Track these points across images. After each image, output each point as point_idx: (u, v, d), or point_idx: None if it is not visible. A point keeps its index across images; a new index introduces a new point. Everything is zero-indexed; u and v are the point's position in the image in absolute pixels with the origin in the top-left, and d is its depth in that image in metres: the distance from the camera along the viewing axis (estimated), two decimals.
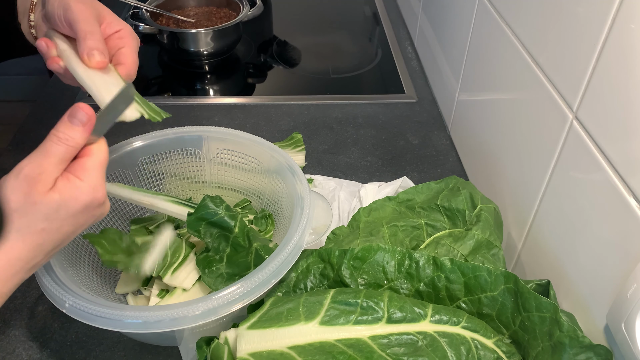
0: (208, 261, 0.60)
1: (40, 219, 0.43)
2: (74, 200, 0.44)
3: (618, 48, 0.47)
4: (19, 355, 0.62)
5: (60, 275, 0.53)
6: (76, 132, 0.45)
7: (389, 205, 0.69)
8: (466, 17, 0.85)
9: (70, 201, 0.44)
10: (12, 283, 0.44)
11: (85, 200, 0.45)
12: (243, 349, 0.48)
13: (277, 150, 0.68)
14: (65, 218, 0.44)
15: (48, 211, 0.43)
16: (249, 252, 0.60)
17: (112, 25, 0.55)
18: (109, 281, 0.65)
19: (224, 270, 0.60)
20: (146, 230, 0.70)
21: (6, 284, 0.44)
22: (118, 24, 0.55)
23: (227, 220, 0.60)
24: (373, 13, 1.37)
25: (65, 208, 0.44)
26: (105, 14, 0.55)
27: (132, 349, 0.63)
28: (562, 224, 0.58)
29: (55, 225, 0.44)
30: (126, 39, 0.55)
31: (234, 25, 1.12)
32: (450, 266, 0.55)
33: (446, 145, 0.93)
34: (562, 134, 0.57)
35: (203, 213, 0.60)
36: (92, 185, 0.45)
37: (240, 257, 0.60)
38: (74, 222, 0.45)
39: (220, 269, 0.60)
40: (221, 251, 0.60)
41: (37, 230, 0.43)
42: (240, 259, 0.60)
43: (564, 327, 0.49)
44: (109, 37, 0.55)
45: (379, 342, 0.49)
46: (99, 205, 0.46)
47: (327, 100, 1.04)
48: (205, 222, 0.60)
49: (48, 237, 0.44)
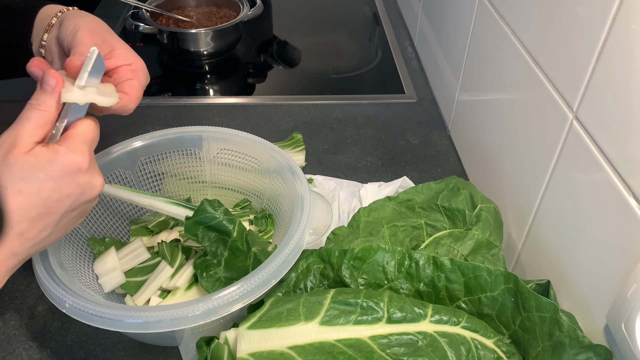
0: (206, 265, 0.60)
1: (17, 179, 0.43)
2: (49, 162, 0.44)
3: (618, 48, 0.47)
4: (19, 355, 0.62)
5: (60, 275, 0.53)
6: (47, 96, 0.46)
7: (389, 205, 0.69)
8: (466, 17, 0.84)
9: (45, 163, 0.44)
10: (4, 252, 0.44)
11: (62, 162, 0.45)
12: (243, 349, 0.48)
13: (277, 150, 0.68)
14: (44, 180, 0.44)
15: (23, 172, 0.43)
16: (248, 256, 0.60)
17: (123, 58, 0.55)
18: None
19: (222, 274, 0.59)
20: (146, 230, 0.70)
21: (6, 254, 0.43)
22: (131, 56, 0.56)
23: (226, 224, 0.60)
24: (373, 13, 1.37)
25: (42, 169, 0.44)
26: (118, 46, 0.55)
27: (132, 349, 0.63)
28: (562, 224, 0.58)
29: (34, 187, 0.44)
30: (138, 72, 0.55)
31: (234, 25, 1.12)
32: (450, 266, 0.55)
33: (446, 145, 0.93)
34: (562, 134, 0.57)
35: (201, 217, 0.60)
36: (71, 148, 0.45)
37: (239, 261, 0.60)
38: (55, 188, 0.45)
39: (218, 273, 0.59)
40: (219, 255, 0.60)
41: (15, 191, 0.43)
42: (238, 263, 0.60)
43: (564, 327, 0.49)
44: (119, 67, 0.55)
45: (379, 342, 0.49)
46: (79, 171, 0.46)
47: (327, 100, 1.04)
48: (203, 226, 0.60)
49: (28, 201, 0.44)
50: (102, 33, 0.55)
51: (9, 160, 0.43)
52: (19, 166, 0.43)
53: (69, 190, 0.46)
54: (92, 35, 0.53)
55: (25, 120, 0.45)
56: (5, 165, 0.43)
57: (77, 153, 0.46)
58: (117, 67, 0.55)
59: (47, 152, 0.45)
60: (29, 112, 0.46)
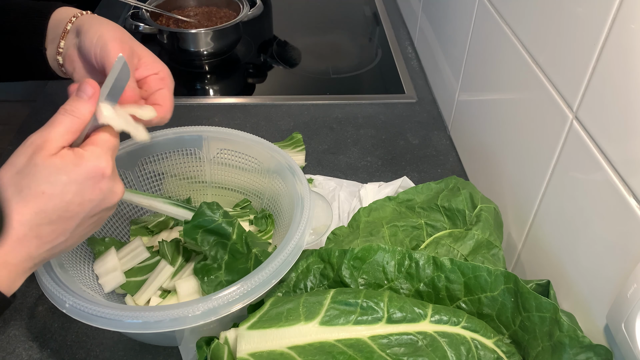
0: (207, 270, 0.59)
1: (41, 180, 0.43)
2: (74, 165, 0.44)
3: (618, 48, 0.47)
4: (19, 355, 0.62)
5: (60, 275, 0.53)
6: (82, 103, 0.47)
7: (389, 206, 0.69)
8: (466, 17, 0.84)
9: (70, 166, 0.44)
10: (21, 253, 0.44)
11: (87, 167, 0.45)
12: (243, 349, 0.48)
13: (277, 150, 0.68)
14: (67, 183, 0.44)
15: (48, 173, 0.43)
16: (249, 258, 0.59)
17: (150, 67, 0.55)
18: None
19: (223, 277, 0.59)
20: (146, 230, 0.70)
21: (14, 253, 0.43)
22: (156, 65, 0.56)
23: (225, 227, 0.59)
24: (373, 13, 1.37)
25: (66, 173, 0.44)
26: (143, 54, 0.56)
27: (132, 349, 0.63)
28: (562, 224, 0.58)
29: (57, 189, 0.44)
30: (166, 80, 0.56)
31: (234, 25, 1.12)
32: (450, 266, 0.55)
33: (446, 145, 0.93)
34: (562, 134, 0.57)
35: (200, 220, 0.59)
36: (96, 154, 0.46)
37: (240, 263, 0.60)
38: (78, 191, 0.45)
39: (220, 277, 0.59)
40: (219, 259, 0.60)
41: (38, 192, 0.43)
42: (239, 266, 0.59)
43: (564, 327, 0.49)
44: (147, 77, 0.55)
45: (379, 342, 0.49)
46: (103, 177, 0.46)
47: (327, 100, 1.04)
48: (202, 230, 0.59)
49: (50, 203, 0.43)
50: (129, 42, 0.54)
51: (34, 160, 0.44)
52: (44, 167, 0.43)
53: (91, 195, 0.45)
54: (122, 47, 0.53)
55: (57, 124, 0.46)
56: (31, 165, 0.43)
57: (102, 159, 0.46)
58: (146, 77, 0.55)
59: (72, 155, 0.45)
60: (62, 116, 0.46)
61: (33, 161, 0.43)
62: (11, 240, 0.43)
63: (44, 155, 0.44)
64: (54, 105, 1.06)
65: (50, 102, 1.00)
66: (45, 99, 1.01)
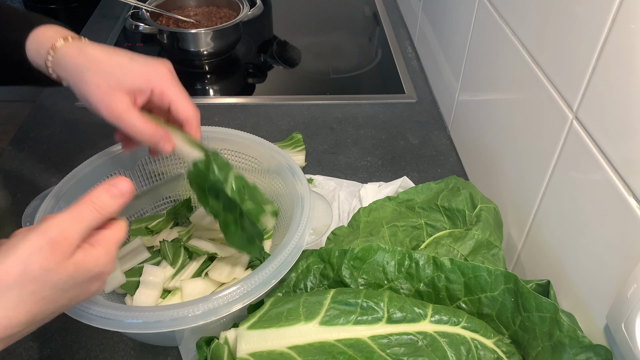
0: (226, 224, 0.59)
1: (49, 287, 0.40)
2: (86, 271, 0.42)
3: (618, 48, 0.47)
4: (19, 355, 0.62)
5: None
6: (114, 201, 0.44)
7: (389, 206, 0.69)
8: (466, 17, 0.84)
9: (81, 272, 0.41)
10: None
11: (96, 272, 0.42)
12: (243, 349, 0.48)
13: (277, 150, 0.68)
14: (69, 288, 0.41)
15: (58, 280, 0.40)
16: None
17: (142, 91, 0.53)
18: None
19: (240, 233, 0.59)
20: (146, 230, 0.70)
21: None
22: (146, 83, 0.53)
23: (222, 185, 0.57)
24: (373, 13, 1.37)
25: (74, 278, 0.41)
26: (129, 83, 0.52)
27: (132, 349, 0.63)
28: (562, 224, 0.58)
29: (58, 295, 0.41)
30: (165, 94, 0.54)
31: (234, 25, 1.12)
32: (450, 266, 0.55)
33: (446, 145, 0.93)
34: (562, 134, 0.57)
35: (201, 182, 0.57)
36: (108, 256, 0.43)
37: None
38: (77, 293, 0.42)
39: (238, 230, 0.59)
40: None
41: (39, 297, 0.40)
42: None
43: (564, 327, 0.49)
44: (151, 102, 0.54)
45: (379, 342, 0.49)
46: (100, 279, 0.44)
47: (327, 100, 1.04)
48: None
49: (44, 307, 0.40)
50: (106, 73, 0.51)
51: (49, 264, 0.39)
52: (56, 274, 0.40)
53: (88, 294, 0.44)
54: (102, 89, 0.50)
55: (81, 220, 0.42)
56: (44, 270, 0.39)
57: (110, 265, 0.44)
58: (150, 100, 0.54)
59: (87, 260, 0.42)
60: (89, 212, 0.42)
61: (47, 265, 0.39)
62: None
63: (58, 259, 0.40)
64: (54, 105, 1.06)
65: (50, 102, 1.00)
66: (45, 99, 1.01)
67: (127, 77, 0.52)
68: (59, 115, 0.97)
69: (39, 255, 0.39)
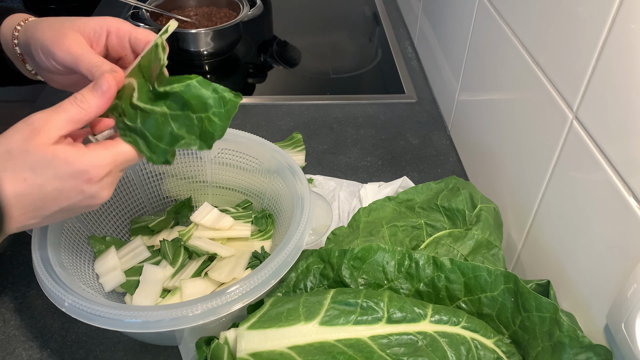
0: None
1: (26, 167, 0.42)
2: (65, 162, 0.43)
3: (618, 48, 0.47)
4: (19, 355, 0.62)
5: (60, 274, 0.53)
6: (94, 97, 0.46)
7: (389, 206, 0.69)
8: (466, 17, 0.84)
9: (60, 162, 0.43)
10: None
11: (76, 167, 0.43)
12: (243, 349, 0.48)
13: (277, 150, 0.68)
14: (50, 178, 0.43)
15: (35, 163, 0.43)
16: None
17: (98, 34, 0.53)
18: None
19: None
20: (147, 229, 0.70)
21: None
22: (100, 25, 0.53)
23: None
24: (373, 13, 1.37)
25: (54, 167, 0.43)
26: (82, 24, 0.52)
27: (132, 349, 0.63)
28: (562, 224, 0.58)
29: (38, 180, 0.43)
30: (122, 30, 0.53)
31: (234, 25, 1.12)
32: (450, 266, 0.55)
33: (446, 145, 0.93)
34: (562, 134, 0.57)
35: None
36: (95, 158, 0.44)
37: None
38: (57, 188, 0.44)
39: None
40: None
41: (19, 177, 0.42)
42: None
43: (564, 327, 0.49)
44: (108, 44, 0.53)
45: (379, 342, 0.49)
46: (89, 181, 0.44)
47: (327, 100, 1.04)
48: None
49: (27, 191, 0.43)
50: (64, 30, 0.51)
51: (27, 146, 0.42)
52: (34, 156, 0.43)
53: (69, 195, 0.45)
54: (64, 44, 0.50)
55: (62, 111, 0.45)
56: (22, 151, 0.42)
57: (98, 165, 0.45)
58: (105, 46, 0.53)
59: (69, 152, 0.44)
60: (70, 105, 0.45)
61: (26, 146, 0.42)
62: None
63: (38, 143, 0.43)
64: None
65: (50, 102, 1.00)
66: (45, 99, 1.01)
67: (81, 21, 0.53)
68: None
69: (19, 135, 0.43)
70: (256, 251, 0.66)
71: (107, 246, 0.65)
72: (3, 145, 0.43)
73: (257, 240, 0.70)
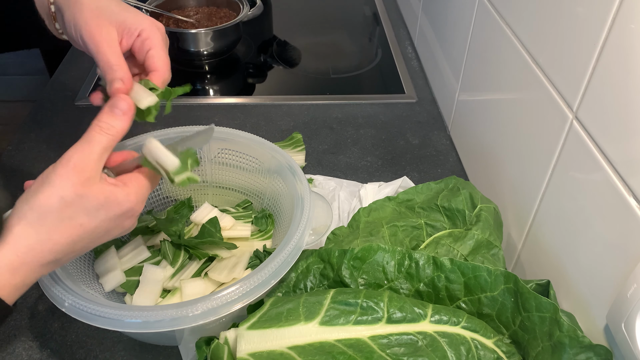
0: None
1: (83, 213, 0.43)
2: (117, 204, 0.45)
3: (618, 48, 0.47)
4: (19, 355, 0.62)
5: (60, 274, 0.53)
6: (117, 120, 0.46)
7: (389, 206, 0.69)
8: (466, 17, 0.84)
9: (113, 204, 0.45)
10: (38, 274, 0.44)
11: (127, 207, 0.46)
12: (243, 349, 0.48)
13: (277, 150, 0.68)
14: (104, 220, 0.45)
15: (91, 207, 0.44)
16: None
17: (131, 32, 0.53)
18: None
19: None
20: (147, 229, 0.70)
21: (33, 274, 0.43)
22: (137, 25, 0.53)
23: None
24: (373, 13, 1.37)
25: (106, 210, 0.44)
26: (121, 18, 0.52)
27: (132, 349, 0.63)
28: (562, 224, 0.58)
29: (93, 224, 0.44)
30: (150, 39, 0.53)
31: (234, 25, 1.12)
32: (450, 266, 0.55)
33: (446, 145, 0.93)
34: (562, 134, 0.57)
35: None
36: (138, 196, 0.46)
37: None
38: (108, 227, 0.46)
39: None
40: None
41: (77, 224, 0.43)
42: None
43: (564, 327, 0.49)
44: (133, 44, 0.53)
45: (379, 342, 0.49)
46: (132, 216, 0.47)
47: (327, 100, 1.04)
48: None
49: (84, 235, 0.44)
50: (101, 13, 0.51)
51: (80, 190, 0.43)
52: (88, 200, 0.43)
53: (115, 232, 0.47)
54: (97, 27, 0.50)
55: (95, 144, 0.45)
56: (77, 195, 0.43)
57: (140, 201, 0.47)
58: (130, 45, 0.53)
59: (118, 193, 0.45)
60: (98, 135, 0.45)
61: (79, 191, 0.43)
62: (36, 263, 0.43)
63: (88, 185, 0.43)
64: (54, 105, 1.06)
65: (50, 102, 1.00)
66: (45, 99, 1.01)
67: (122, 14, 0.53)
68: (59, 115, 0.97)
69: (69, 182, 0.43)
70: (257, 250, 0.66)
71: (106, 246, 0.65)
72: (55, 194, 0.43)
73: (257, 240, 0.70)
